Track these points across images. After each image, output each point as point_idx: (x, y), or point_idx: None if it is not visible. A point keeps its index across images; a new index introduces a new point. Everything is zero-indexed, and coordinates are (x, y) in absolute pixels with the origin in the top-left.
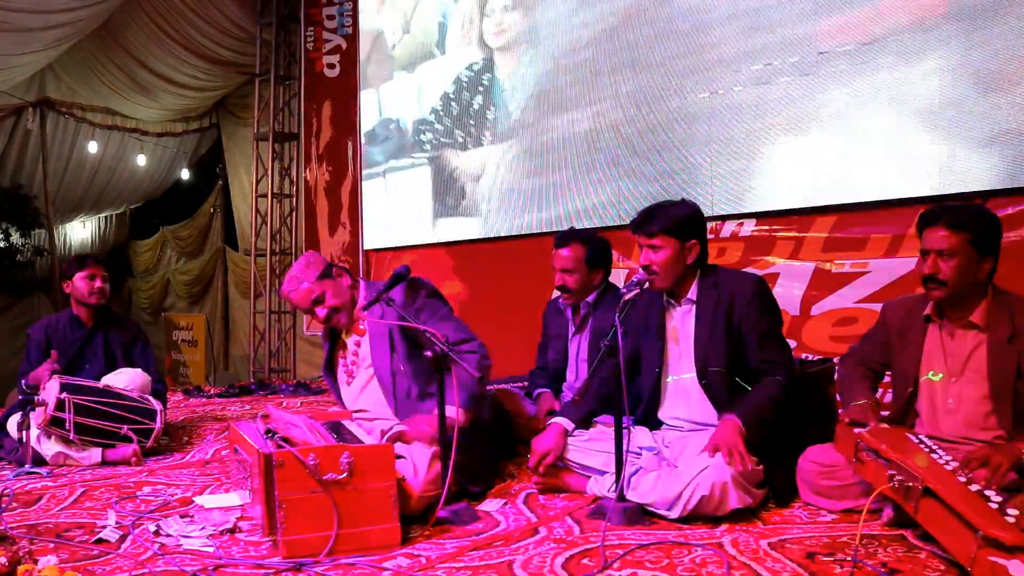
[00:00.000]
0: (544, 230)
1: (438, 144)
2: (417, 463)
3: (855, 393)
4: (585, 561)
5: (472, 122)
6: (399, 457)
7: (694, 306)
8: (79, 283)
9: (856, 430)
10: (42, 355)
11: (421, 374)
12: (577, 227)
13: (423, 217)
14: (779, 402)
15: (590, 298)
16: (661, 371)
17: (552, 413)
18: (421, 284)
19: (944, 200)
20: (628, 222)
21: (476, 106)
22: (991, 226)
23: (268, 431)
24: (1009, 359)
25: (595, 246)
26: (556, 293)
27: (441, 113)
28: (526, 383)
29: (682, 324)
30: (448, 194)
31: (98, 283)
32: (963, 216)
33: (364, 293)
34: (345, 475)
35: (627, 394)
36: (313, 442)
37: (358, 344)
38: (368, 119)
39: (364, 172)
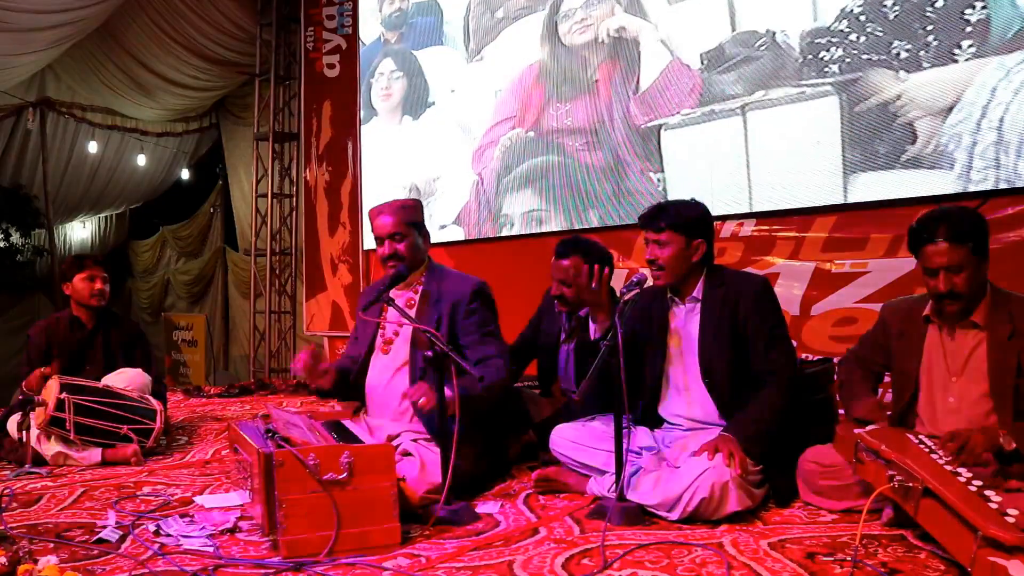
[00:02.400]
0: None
1: (856, 63)
2: (426, 462)
3: (858, 393)
4: (585, 561)
5: (932, 28)
6: (407, 455)
7: (699, 305)
8: (79, 285)
9: (857, 430)
10: (42, 356)
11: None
12: None
13: (824, 169)
14: (781, 410)
15: (583, 311)
16: (663, 369)
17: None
18: (484, 289)
19: (943, 200)
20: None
21: (940, 3)
22: (984, 229)
23: (268, 431)
24: (1009, 357)
25: (596, 260)
26: None
27: (863, 18)
28: (535, 383)
29: (686, 323)
30: (878, 137)
31: (98, 284)
32: (959, 226)
33: (424, 278)
34: (345, 475)
35: (628, 392)
36: (313, 442)
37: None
38: (712, 36)
39: (702, 111)
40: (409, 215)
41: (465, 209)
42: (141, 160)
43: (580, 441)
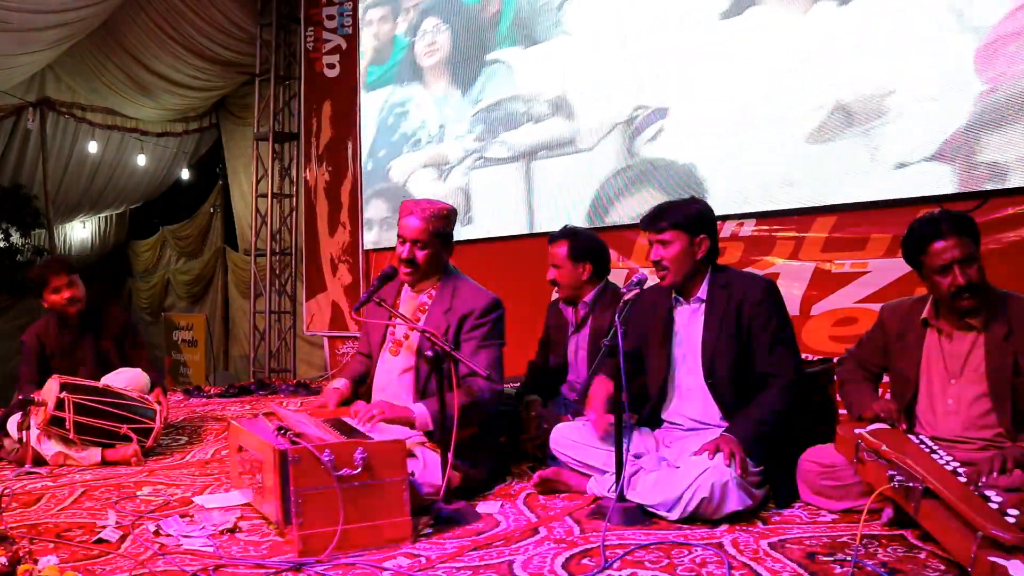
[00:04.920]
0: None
1: None
2: (428, 462)
3: (866, 394)
4: (585, 561)
5: None
6: (411, 455)
7: (703, 305)
8: (51, 299)
9: (857, 430)
10: (38, 359)
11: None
12: None
13: None
14: (783, 413)
15: (588, 297)
16: (667, 370)
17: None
18: (497, 307)
19: (943, 200)
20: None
21: None
22: (978, 231)
23: (280, 428)
24: (1006, 357)
25: (578, 243)
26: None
27: None
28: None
29: (690, 323)
30: None
31: (65, 294)
32: (962, 221)
33: (439, 284)
34: (359, 470)
35: (630, 392)
36: (327, 439)
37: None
38: None
39: None
40: (439, 225)
41: (955, 139)
42: (141, 160)
43: (581, 440)
